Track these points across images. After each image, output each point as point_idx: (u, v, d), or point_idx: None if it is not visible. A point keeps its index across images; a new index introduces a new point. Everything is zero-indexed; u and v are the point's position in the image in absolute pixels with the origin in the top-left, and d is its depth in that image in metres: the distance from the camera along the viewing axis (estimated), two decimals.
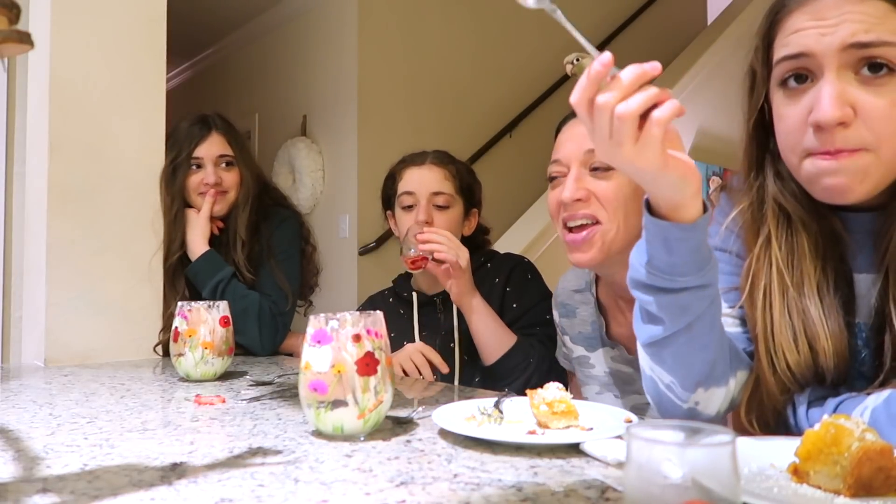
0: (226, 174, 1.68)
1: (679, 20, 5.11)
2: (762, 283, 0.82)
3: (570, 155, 1.09)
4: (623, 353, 1.17)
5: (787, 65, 0.76)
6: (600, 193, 1.06)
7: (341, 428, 0.76)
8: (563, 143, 1.12)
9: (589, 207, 1.06)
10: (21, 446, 0.73)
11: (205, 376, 1.21)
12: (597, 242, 1.06)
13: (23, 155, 1.66)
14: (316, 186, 3.77)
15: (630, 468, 0.43)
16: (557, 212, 1.11)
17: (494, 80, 4.04)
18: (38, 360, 1.49)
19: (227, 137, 1.70)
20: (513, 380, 1.35)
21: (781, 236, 0.82)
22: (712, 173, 4.14)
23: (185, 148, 1.64)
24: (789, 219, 0.82)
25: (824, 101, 0.71)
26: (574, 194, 1.06)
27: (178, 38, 2.05)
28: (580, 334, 1.25)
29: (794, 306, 0.79)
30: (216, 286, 1.60)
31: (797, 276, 0.80)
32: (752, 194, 0.85)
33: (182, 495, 0.57)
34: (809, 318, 0.78)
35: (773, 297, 0.80)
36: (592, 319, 1.23)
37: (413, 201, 1.53)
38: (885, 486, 0.55)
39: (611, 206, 1.05)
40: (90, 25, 1.55)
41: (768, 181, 0.84)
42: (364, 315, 0.79)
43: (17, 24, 0.54)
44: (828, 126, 0.71)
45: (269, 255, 1.67)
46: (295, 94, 4.00)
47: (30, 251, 1.57)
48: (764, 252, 0.83)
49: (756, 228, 0.84)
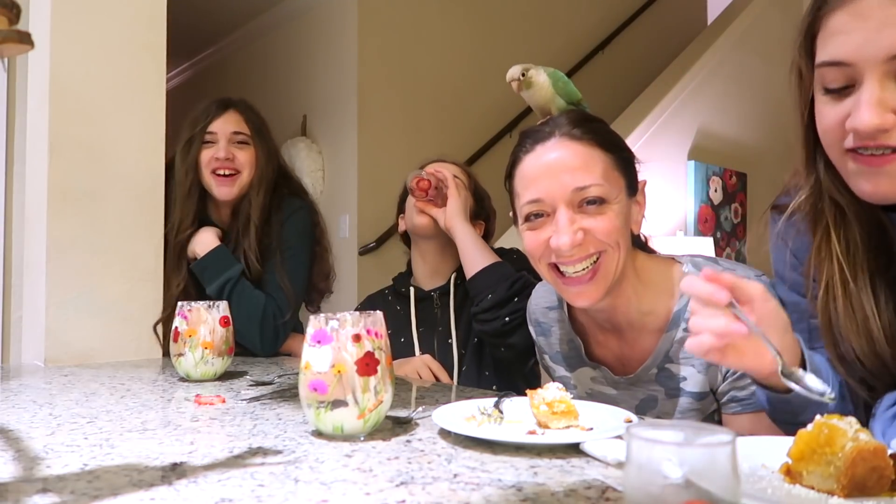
0: (239, 152, 1.64)
1: (679, 20, 5.11)
2: (824, 276, 0.82)
3: (554, 195, 0.96)
4: (607, 374, 1.10)
5: (828, 72, 0.75)
6: (599, 230, 0.96)
7: (341, 428, 0.76)
8: (538, 178, 0.97)
9: (589, 248, 0.96)
10: (21, 446, 0.73)
11: (205, 376, 1.21)
12: (601, 279, 0.97)
13: (23, 155, 1.66)
14: (316, 186, 3.77)
15: (630, 468, 0.43)
16: (543, 254, 1.00)
17: (494, 80, 4.02)
18: (38, 360, 1.49)
19: (245, 116, 1.67)
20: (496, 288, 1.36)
21: (840, 229, 0.82)
22: (712, 173, 4.14)
23: (201, 121, 1.63)
24: (843, 212, 0.82)
25: (864, 107, 0.70)
26: (574, 241, 0.94)
27: (178, 38, 2.05)
28: (558, 353, 1.18)
29: (855, 299, 0.80)
30: (223, 285, 1.57)
31: (854, 270, 0.81)
32: (808, 189, 0.85)
33: (182, 495, 0.57)
34: (867, 309, 0.79)
35: (836, 291, 0.81)
36: (570, 338, 1.15)
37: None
38: (878, 486, 0.55)
39: (612, 238, 0.96)
40: (90, 25, 1.55)
41: (821, 175, 0.83)
42: (364, 315, 0.79)
43: (17, 24, 0.54)
44: (867, 133, 0.71)
45: (276, 250, 1.62)
46: (295, 94, 4.00)
47: (30, 251, 1.57)
48: (825, 245, 0.83)
49: (815, 222, 0.85)
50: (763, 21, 4.42)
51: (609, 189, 0.96)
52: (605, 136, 1.00)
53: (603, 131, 1.02)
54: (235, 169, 1.63)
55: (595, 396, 1.12)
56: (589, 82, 4.42)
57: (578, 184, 0.95)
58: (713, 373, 1.01)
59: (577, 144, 0.97)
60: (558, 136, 0.98)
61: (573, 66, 4.38)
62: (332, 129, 3.74)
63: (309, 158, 3.77)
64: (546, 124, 1.02)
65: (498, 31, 4.06)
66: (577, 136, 0.98)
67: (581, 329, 1.14)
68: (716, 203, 4.15)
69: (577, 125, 0.99)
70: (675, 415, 1.04)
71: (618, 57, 4.66)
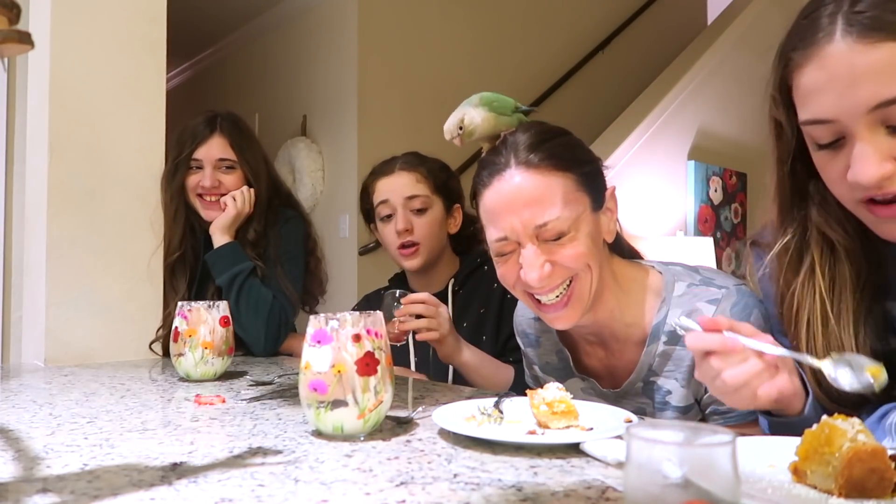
0: (225, 177, 1.66)
1: (679, 20, 5.11)
2: (805, 312, 0.82)
3: (517, 231, 0.95)
4: (595, 386, 1.10)
5: (814, 130, 0.73)
6: (566, 258, 0.95)
7: (341, 428, 0.76)
8: (500, 215, 0.96)
9: (558, 278, 0.96)
10: (21, 446, 0.73)
11: (205, 376, 1.21)
12: (575, 303, 0.98)
13: (23, 155, 1.66)
14: (316, 186, 3.77)
15: (630, 468, 0.43)
16: (516, 283, 1.00)
17: (494, 80, 4.03)
18: (38, 360, 1.49)
19: (231, 140, 1.67)
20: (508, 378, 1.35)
21: (825, 265, 0.81)
22: (712, 173, 4.14)
23: (187, 147, 1.64)
24: (833, 248, 0.81)
25: (859, 164, 0.69)
26: (542, 277, 0.94)
27: (178, 38, 2.05)
28: (548, 364, 1.17)
29: (834, 339, 0.79)
30: (234, 277, 1.58)
31: (837, 307, 0.80)
32: (795, 226, 0.84)
33: (182, 495, 0.57)
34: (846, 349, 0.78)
35: (817, 330, 0.80)
36: (558, 349, 1.15)
37: (390, 210, 1.51)
38: (879, 488, 0.55)
39: (580, 263, 0.95)
40: (90, 25, 1.55)
41: (812, 211, 0.82)
42: (364, 315, 0.79)
43: (17, 24, 0.54)
44: (870, 186, 0.70)
45: (276, 262, 1.66)
46: (295, 94, 4.00)
47: (30, 251, 1.57)
48: (808, 281, 0.82)
49: (799, 258, 0.84)
50: (763, 21, 4.42)
51: (570, 217, 0.94)
52: (562, 154, 0.96)
53: (560, 149, 0.97)
54: (222, 193, 1.65)
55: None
56: (589, 82, 4.43)
57: (538, 220, 0.93)
58: (695, 385, 1.00)
59: (534, 174, 0.94)
60: (514, 165, 0.95)
61: (573, 66, 4.38)
62: (332, 129, 3.73)
63: (309, 158, 3.77)
64: (502, 150, 0.99)
65: (498, 31, 4.06)
66: (533, 164, 0.95)
67: (569, 340, 1.14)
68: (716, 203, 4.15)
69: (533, 149, 0.96)
70: None
71: (618, 57, 4.65)
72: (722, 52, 4.28)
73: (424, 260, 1.52)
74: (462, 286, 1.56)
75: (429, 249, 1.52)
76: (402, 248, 1.51)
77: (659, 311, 1.01)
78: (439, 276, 1.58)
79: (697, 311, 0.97)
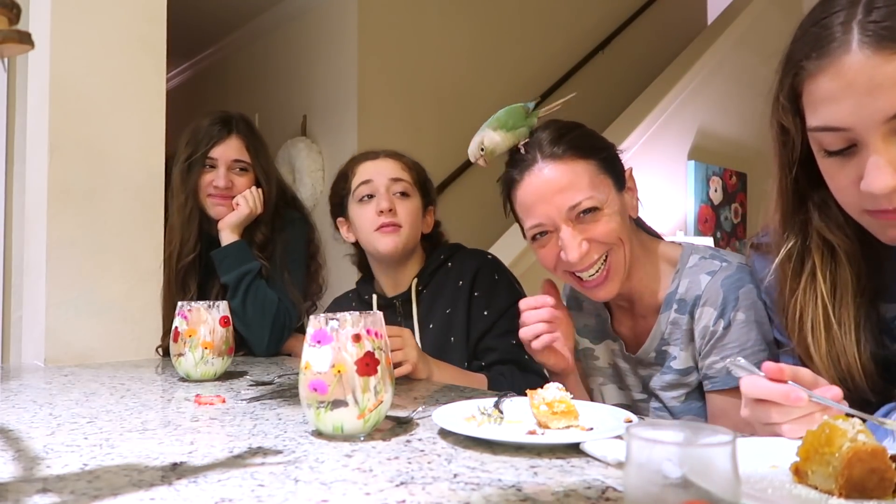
0: (238, 178, 1.66)
1: (679, 20, 5.10)
2: (808, 318, 0.82)
3: (552, 216, 1.04)
4: (622, 347, 1.19)
5: (824, 137, 0.73)
6: (600, 234, 1.04)
7: (341, 428, 0.76)
8: (534, 205, 1.06)
9: (595, 253, 1.05)
10: (21, 446, 0.73)
11: (205, 376, 1.21)
12: (614, 276, 1.07)
13: (23, 154, 1.66)
14: (316, 186, 3.77)
15: (630, 468, 0.43)
16: (557, 265, 1.08)
17: (494, 79, 4.04)
18: (38, 360, 1.49)
19: (246, 141, 1.68)
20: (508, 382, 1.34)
21: (826, 269, 0.82)
22: (712, 173, 4.14)
23: (202, 146, 1.63)
24: (833, 252, 0.81)
25: (874, 174, 0.69)
26: (581, 254, 1.03)
27: (178, 38, 2.05)
28: (586, 327, 1.26)
29: (838, 343, 0.80)
30: (242, 276, 1.59)
31: (838, 312, 0.80)
32: (796, 232, 0.84)
33: (182, 495, 0.56)
34: (849, 355, 0.79)
35: (820, 335, 0.81)
36: (598, 311, 1.24)
37: (371, 190, 1.45)
38: (879, 489, 0.55)
39: (613, 237, 1.05)
40: (90, 25, 1.55)
41: (814, 216, 0.83)
42: (364, 315, 0.79)
43: (17, 24, 0.54)
44: (884, 196, 0.69)
45: (282, 267, 1.66)
46: (295, 94, 4.00)
47: (30, 251, 1.57)
48: (810, 286, 0.83)
49: (801, 264, 0.84)
50: (763, 21, 4.42)
51: (599, 195, 1.04)
52: (583, 143, 1.07)
53: (579, 139, 1.07)
54: (232, 195, 1.65)
55: (615, 368, 1.21)
56: (589, 82, 4.42)
57: (570, 202, 1.03)
58: (692, 350, 1.08)
59: (560, 164, 1.04)
60: (541, 159, 1.06)
61: (573, 66, 4.37)
62: (332, 129, 3.73)
63: (309, 158, 3.77)
64: (527, 150, 1.08)
65: (498, 31, 4.06)
66: (558, 156, 1.05)
67: (608, 303, 1.23)
68: (716, 203, 4.15)
69: (556, 143, 1.06)
70: (666, 388, 1.11)
71: (618, 57, 4.65)
72: (722, 52, 4.28)
73: (403, 243, 1.45)
74: (426, 285, 1.49)
75: (408, 235, 1.46)
76: (383, 227, 1.43)
77: (673, 280, 1.10)
78: (406, 274, 1.51)
79: (698, 282, 1.06)
